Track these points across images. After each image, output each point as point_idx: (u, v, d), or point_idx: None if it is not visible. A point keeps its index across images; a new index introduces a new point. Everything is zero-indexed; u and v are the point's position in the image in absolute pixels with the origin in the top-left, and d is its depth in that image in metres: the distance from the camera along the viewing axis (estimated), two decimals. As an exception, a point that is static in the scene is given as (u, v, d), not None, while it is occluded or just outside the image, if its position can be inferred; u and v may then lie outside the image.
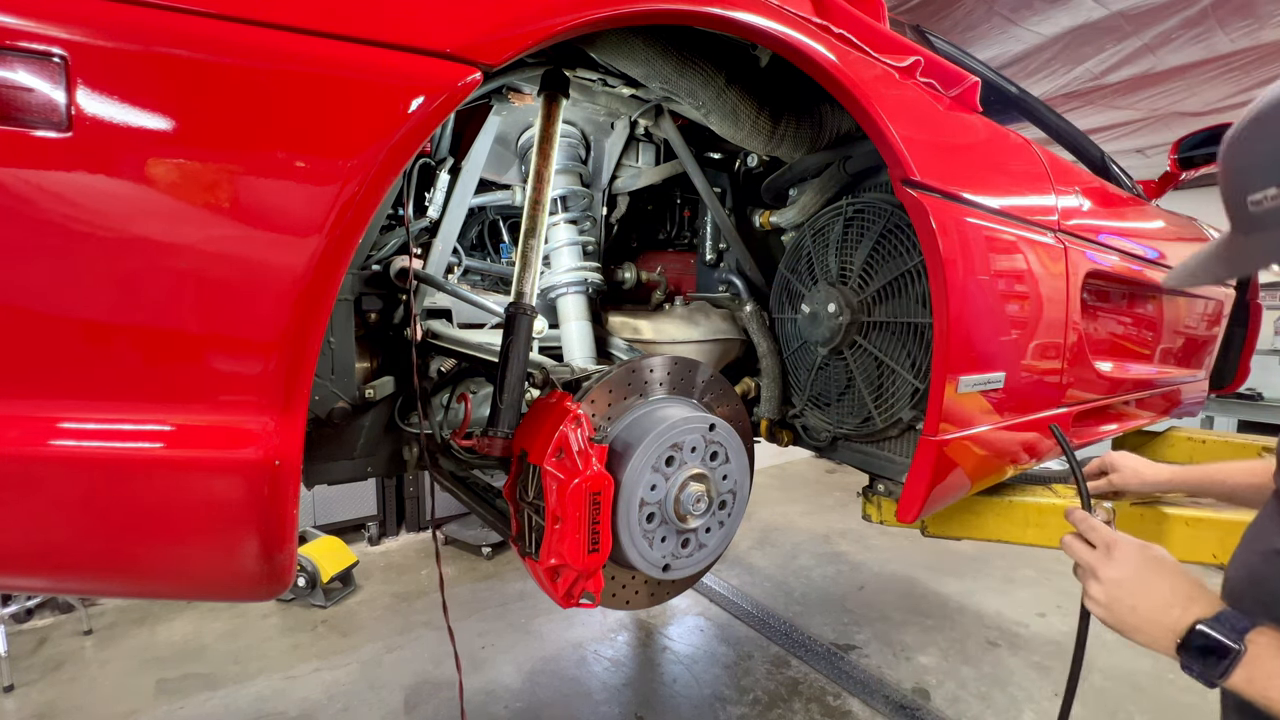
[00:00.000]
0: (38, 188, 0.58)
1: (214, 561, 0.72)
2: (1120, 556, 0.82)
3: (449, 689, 2.48)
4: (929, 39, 1.99)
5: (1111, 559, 0.83)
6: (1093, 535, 0.87)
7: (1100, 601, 0.82)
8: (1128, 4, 3.21)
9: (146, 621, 2.93)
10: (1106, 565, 0.82)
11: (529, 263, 1.08)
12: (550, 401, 1.02)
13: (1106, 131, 5.00)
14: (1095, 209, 1.86)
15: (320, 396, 1.15)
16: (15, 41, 0.55)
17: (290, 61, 0.65)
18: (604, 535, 0.95)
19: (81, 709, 2.33)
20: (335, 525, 3.70)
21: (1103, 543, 0.85)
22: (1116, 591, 0.80)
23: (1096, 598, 0.83)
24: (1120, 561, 0.82)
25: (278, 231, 0.66)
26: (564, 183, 1.52)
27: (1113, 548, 0.83)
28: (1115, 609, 0.80)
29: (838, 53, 1.12)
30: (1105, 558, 0.83)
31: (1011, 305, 1.39)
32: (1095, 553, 0.85)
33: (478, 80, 0.73)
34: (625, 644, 2.87)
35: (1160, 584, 0.78)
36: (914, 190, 1.17)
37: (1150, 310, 2.24)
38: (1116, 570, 0.81)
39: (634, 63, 1.12)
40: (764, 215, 1.69)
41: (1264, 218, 0.70)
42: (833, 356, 1.50)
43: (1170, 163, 2.66)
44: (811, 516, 4.57)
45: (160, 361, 0.65)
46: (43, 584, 0.82)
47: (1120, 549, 0.83)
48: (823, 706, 2.43)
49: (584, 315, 1.49)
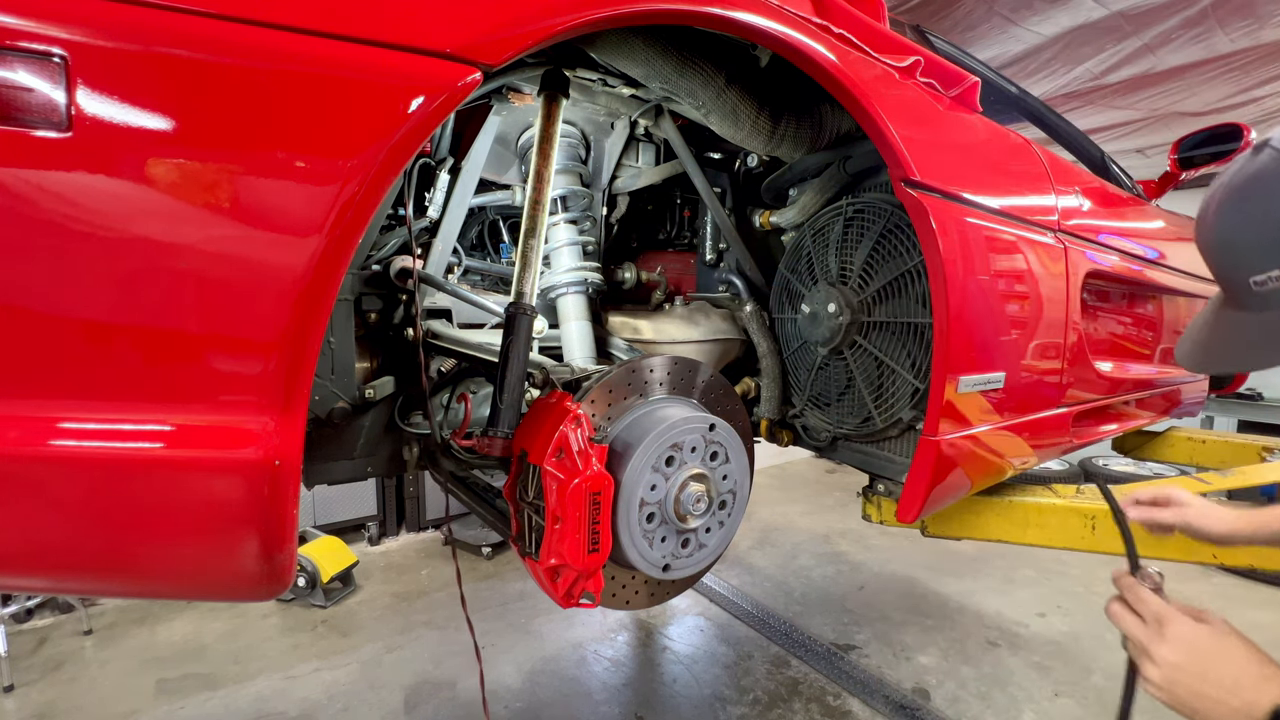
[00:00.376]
0: (38, 188, 0.58)
1: (214, 562, 0.72)
2: (1175, 635, 0.75)
3: (449, 689, 2.48)
4: (929, 39, 1.99)
5: (1165, 639, 0.75)
6: (1141, 608, 0.79)
7: (1159, 684, 0.74)
8: (1128, 4, 3.21)
9: (146, 621, 2.93)
10: (1160, 645, 0.75)
11: (529, 263, 1.08)
12: (550, 401, 1.02)
13: (1106, 131, 5.00)
14: (1095, 209, 1.86)
15: (320, 396, 1.15)
16: (15, 41, 0.55)
17: (290, 62, 0.65)
18: (604, 535, 0.95)
19: (81, 709, 2.33)
20: (335, 525, 3.70)
21: (1154, 618, 0.77)
22: (1176, 675, 0.73)
23: (1154, 680, 0.75)
24: (1176, 641, 0.74)
25: (278, 231, 0.66)
26: (564, 183, 1.52)
27: (1165, 625, 0.76)
28: (1178, 693, 0.72)
29: (838, 53, 1.12)
30: (1158, 637, 0.76)
31: (1011, 305, 1.39)
32: (1146, 629, 0.77)
33: (478, 80, 0.73)
34: (625, 644, 2.86)
35: (1227, 666, 0.70)
36: (914, 190, 1.17)
37: (1150, 310, 2.25)
38: (1173, 653, 0.74)
39: (634, 63, 1.12)
40: (764, 215, 1.69)
41: (1272, 297, 0.68)
42: (833, 356, 1.50)
43: (1170, 163, 2.67)
44: (811, 516, 4.56)
45: (160, 361, 0.65)
46: (43, 584, 0.82)
47: (1174, 627, 0.75)
48: (823, 706, 2.43)
49: (584, 315, 1.49)
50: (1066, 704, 2.45)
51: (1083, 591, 3.39)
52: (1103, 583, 3.46)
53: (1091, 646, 2.85)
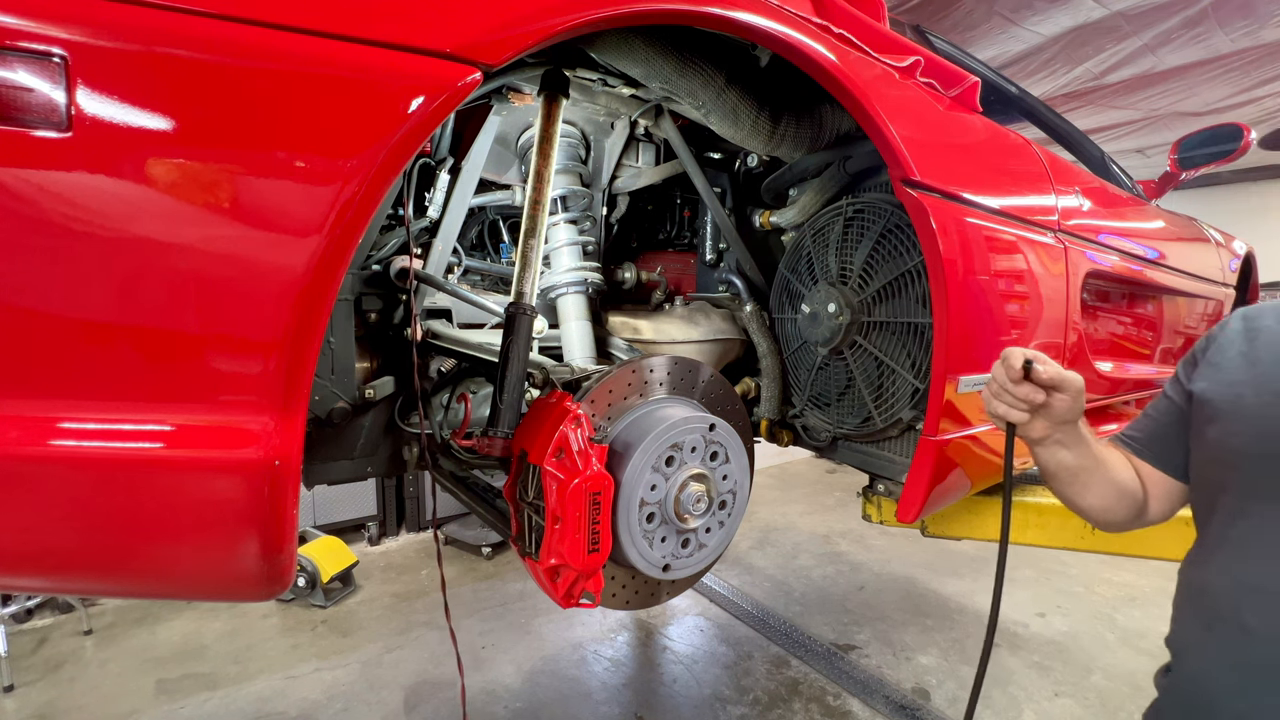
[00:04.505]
0: (38, 188, 0.58)
1: (214, 562, 0.72)
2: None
3: (449, 689, 2.48)
4: (929, 39, 1.99)
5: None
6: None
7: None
8: (1128, 4, 3.21)
9: (146, 621, 2.93)
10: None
11: (529, 263, 1.08)
12: (550, 401, 1.02)
13: (1106, 131, 5.00)
14: (1095, 209, 1.86)
15: (320, 396, 1.15)
16: (15, 41, 0.55)
17: (290, 61, 0.65)
18: (604, 535, 0.95)
19: (81, 709, 2.33)
20: (335, 525, 3.70)
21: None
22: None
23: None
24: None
25: (278, 231, 0.66)
26: (564, 183, 1.52)
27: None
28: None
29: (838, 53, 1.12)
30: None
31: (1011, 305, 1.39)
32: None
33: (478, 80, 0.73)
34: (625, 644, 2.86)
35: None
36: (914, 190, 1.17)
37: (1150, 310, 2.25)
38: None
39: (634, 63, 1.12)
40: (764, 215, 1.69)
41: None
42: (833, 356, 1.50)
43: (1170, 163, 2.67)
44: (811, 516, 4.56)
45: (160, 361, 0.65)
46: (43, 584, 0.82)
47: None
48: (823, 706, 2.43)
49: (584, 315, 1.49)
50: (1066, 704, 2.45)
51: (1083, 591, 3.39)
52: (1103, 583, 3.46)
53: (1091, 646, 2.85)
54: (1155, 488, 1.00)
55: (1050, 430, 0.90)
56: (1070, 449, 0.92)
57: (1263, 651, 0.80)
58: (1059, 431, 0.90)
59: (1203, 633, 0.88)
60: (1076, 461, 0.93)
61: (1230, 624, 0.83)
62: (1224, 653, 0.84)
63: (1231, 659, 0.83)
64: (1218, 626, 0.85)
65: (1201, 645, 0.88)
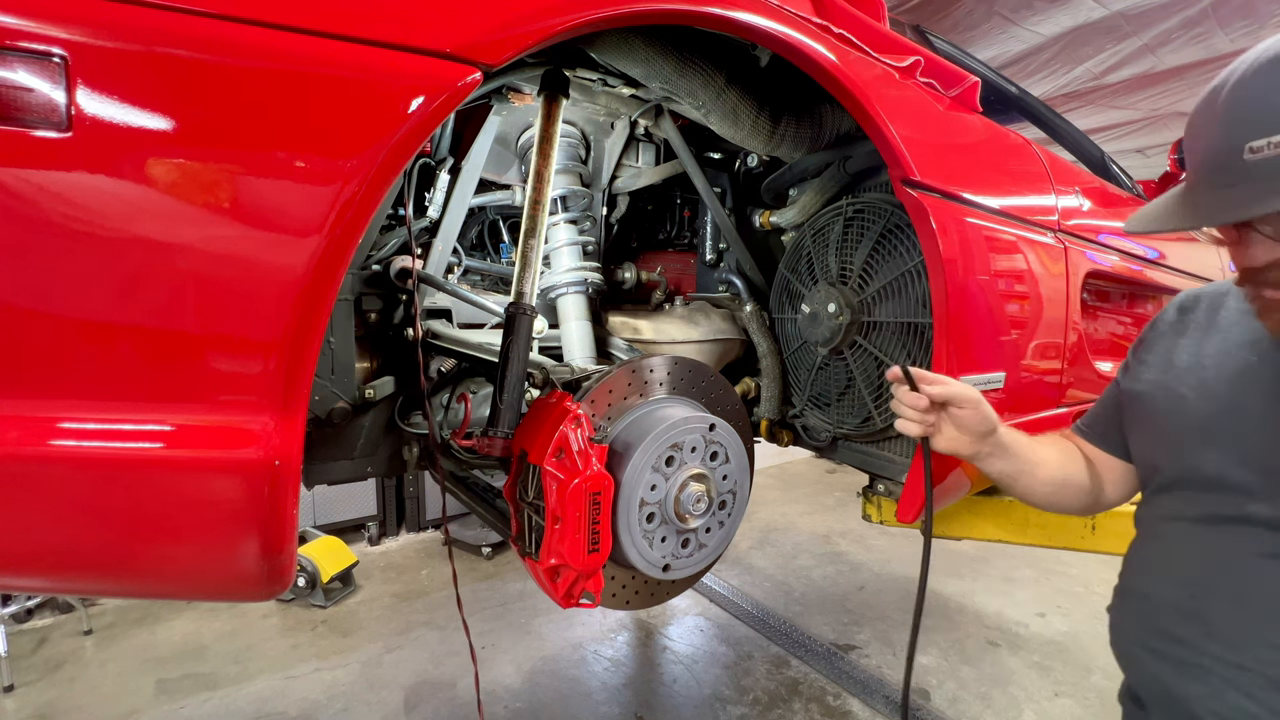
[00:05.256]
0: (38, 188, 0.58)
1: (214, 562, 0.72)
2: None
3: (449, 689, 2.48)
4: (929, 39, 1.99)
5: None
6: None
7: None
8: (1128, 4, 3.22)
9: (146, 621, 2.93)
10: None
11: (529, 263, 1.08)
12: (550, 401, 1.02)
13: (1106, 131, 5.01)
14: (1095, 209, 1.86)
15: (320, 396, 1.15)
16: (15, 41, 0.55)
17: (290, 61, 0.65)
18: (604, 535, 0.95)
19: (81, 709, 2.33)
20: (335, 525, 3.69)
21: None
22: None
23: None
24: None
25: (278, 231, 0.66)
26: (564, 183, 1.52)
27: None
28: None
29: (838, 53, 1.12)
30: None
31: (1011, 305, 1.39)
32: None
33: (478, 80, 0.73)
34: (625, 644, 2.86)
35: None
36: (914, 190, 1.17)
37: (1150, 310, 2.25)
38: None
39: (634, 63, 1.12)
40: (764, 215, 1.69)
41: (1257, 167, 0.64)
42: (833, 356, 1.50)
43: (1170, 163, 2.67)
44: (811, 516, 4.56)
45: (160, 361, 0.65)
46: (43, 584, 0.82)
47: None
48: (823, 706, 2.43)
49: (584, 315, 1.49)
50: (1067, 704, 2.45)
51: (1083, 591, 3.39)
52: (1103, 583, 3.46)
53: (1091, 646, 2.85)
54: (1109, 472, 1.03)
55: (977, 445, 0.95)
56: (1001, 459, 0.97)
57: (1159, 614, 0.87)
58: (984, 445, 0.95)
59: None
60: (1013, 467, 0.98)
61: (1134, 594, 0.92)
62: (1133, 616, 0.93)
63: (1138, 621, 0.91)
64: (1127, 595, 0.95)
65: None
